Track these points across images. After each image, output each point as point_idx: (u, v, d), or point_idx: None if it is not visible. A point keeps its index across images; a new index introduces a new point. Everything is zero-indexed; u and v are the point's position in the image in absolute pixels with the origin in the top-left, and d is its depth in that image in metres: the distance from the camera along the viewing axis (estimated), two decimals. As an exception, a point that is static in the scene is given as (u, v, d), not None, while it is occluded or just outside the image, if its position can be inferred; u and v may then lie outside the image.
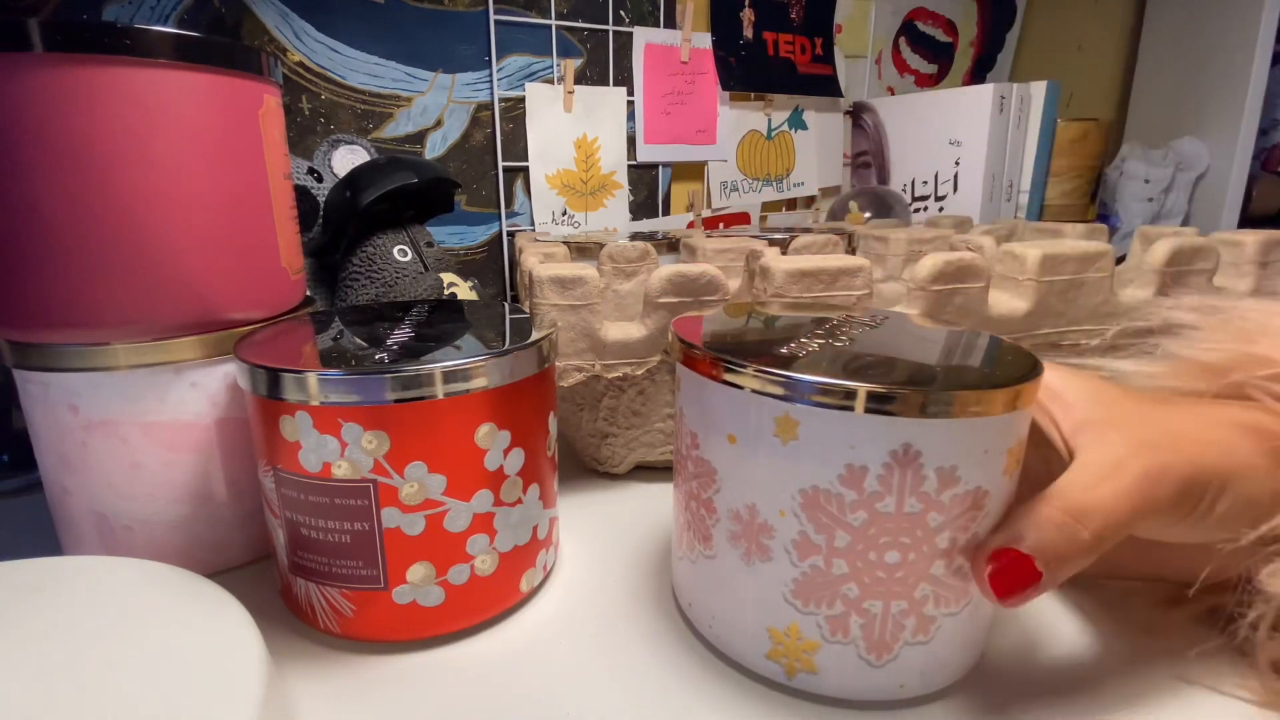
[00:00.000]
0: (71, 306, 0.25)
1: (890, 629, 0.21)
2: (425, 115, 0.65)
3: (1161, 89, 0.92)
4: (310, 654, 0.25)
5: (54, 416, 0.27)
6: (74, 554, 0.29)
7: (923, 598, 0.21)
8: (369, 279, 0.49)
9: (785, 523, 0.21)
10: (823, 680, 0.22)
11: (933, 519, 0.20)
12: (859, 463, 0.19)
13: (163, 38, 0.24)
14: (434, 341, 0.26)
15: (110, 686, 0.18)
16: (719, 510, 0.23)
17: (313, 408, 0.22)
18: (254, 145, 0.28)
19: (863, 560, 0.20)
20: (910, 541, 0.20)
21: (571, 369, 0.34)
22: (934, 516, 0.20)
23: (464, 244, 0.69)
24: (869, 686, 0.22)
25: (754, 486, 0.21)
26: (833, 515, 0.20)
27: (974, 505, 0.20)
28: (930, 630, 0.21)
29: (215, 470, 0.29)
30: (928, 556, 0.20)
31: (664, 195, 0.79)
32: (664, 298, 0.34)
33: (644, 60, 0.74)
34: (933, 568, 0.20)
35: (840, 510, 0.20)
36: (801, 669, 0.22)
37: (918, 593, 0.20)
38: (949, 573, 0.20)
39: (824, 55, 0.84)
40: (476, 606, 0.26)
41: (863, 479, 0.19)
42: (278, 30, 0.58)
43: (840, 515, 0.20)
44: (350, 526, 0.23)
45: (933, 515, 0.20)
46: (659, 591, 0.28)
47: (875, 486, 0.19)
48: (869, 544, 0.20)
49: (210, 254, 0.27)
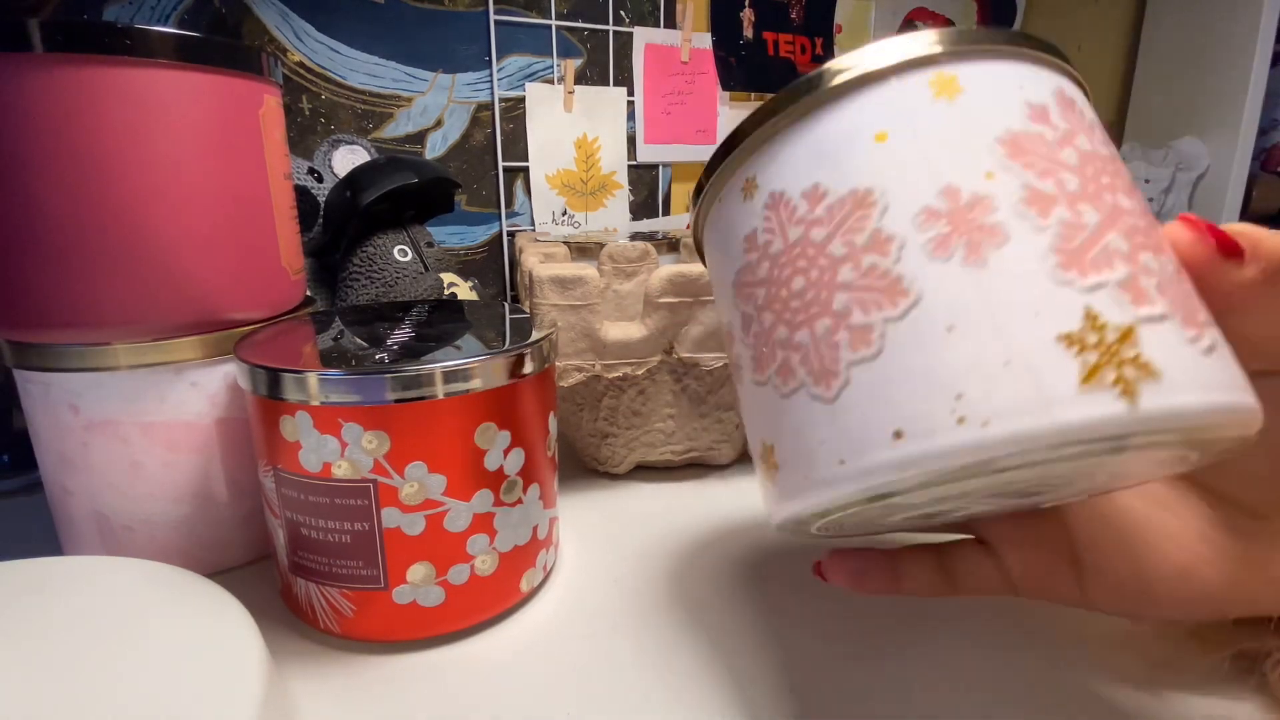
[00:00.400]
0: (72, 307, 0.25)
1: (1187, 289, 0.16)
2: (425, 115, 0.65)
3: (1161, 89, 0.92)
4: (310, 654, 0.25)
5: (54, 416, 0.27)
6: (74, 554, 0.29)
7: None
8: (369, 279, 0.49)
9: (1000, 184, 0.16)
10: (1174, 381, 0.15)
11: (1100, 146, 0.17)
12: (1037, 100, 0.17)
13: (163, 38, 0.24)
14: (434, 341, 0.26)
15: (110, 686, 0.18)
16: (897, 233, 0.16)
17: (313, 408, 0.22)
18: (254, 145, 0.28)
19: (1104, 204, 0.16)
20: (1111, 162, 0.17)
21: (571, 369, 0.34)
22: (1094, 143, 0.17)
23: (464, 244, 0.69)
24: (1219, 383, 0.15)
25: (935, 163, 0.16)
26: (1049, 156, 0.16)
27: None
28: None
29: (215, 470, 0.29)
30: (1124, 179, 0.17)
31: (664, 195, 0.79)
32: (664, 298, 0.34)
33: (644, 60, 0.74)
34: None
35: (1049, 148, 0.16)
36: (1139, 375, 0.14)
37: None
38: None
39: (824, 55, 0.84)
40: (476, 606, 0.26)
41: (1048, 116, 0.17)
42: (278, 30, 0.58)
43: (1053, 153, 0.16)
44: (350, 526, 0.23)
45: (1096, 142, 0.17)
46: (659, 591, 0.28)
47: (1062, 124, 0.17)
48: (1096, 169, 0.16)
49: (210, 254, 0.27)
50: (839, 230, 0.17)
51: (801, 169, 0.18)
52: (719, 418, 0.37)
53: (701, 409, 0.37)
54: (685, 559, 0.31)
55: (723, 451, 0.38)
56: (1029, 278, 0.15)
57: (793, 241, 0.18)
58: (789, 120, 0.18)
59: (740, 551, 0.31)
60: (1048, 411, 0.14)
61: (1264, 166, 0.88)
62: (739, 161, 0.19)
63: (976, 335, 0.15)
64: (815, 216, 0.18)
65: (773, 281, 0.18)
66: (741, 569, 0.30)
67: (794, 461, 0.18)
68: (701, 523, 0.34)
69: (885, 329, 0.16)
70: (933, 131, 0.17)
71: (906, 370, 0.16)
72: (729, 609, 0.27)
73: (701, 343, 0.35)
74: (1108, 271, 0.15)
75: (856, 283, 0.17)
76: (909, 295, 0.16)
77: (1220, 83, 0.83)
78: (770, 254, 0.18)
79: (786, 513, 0.18)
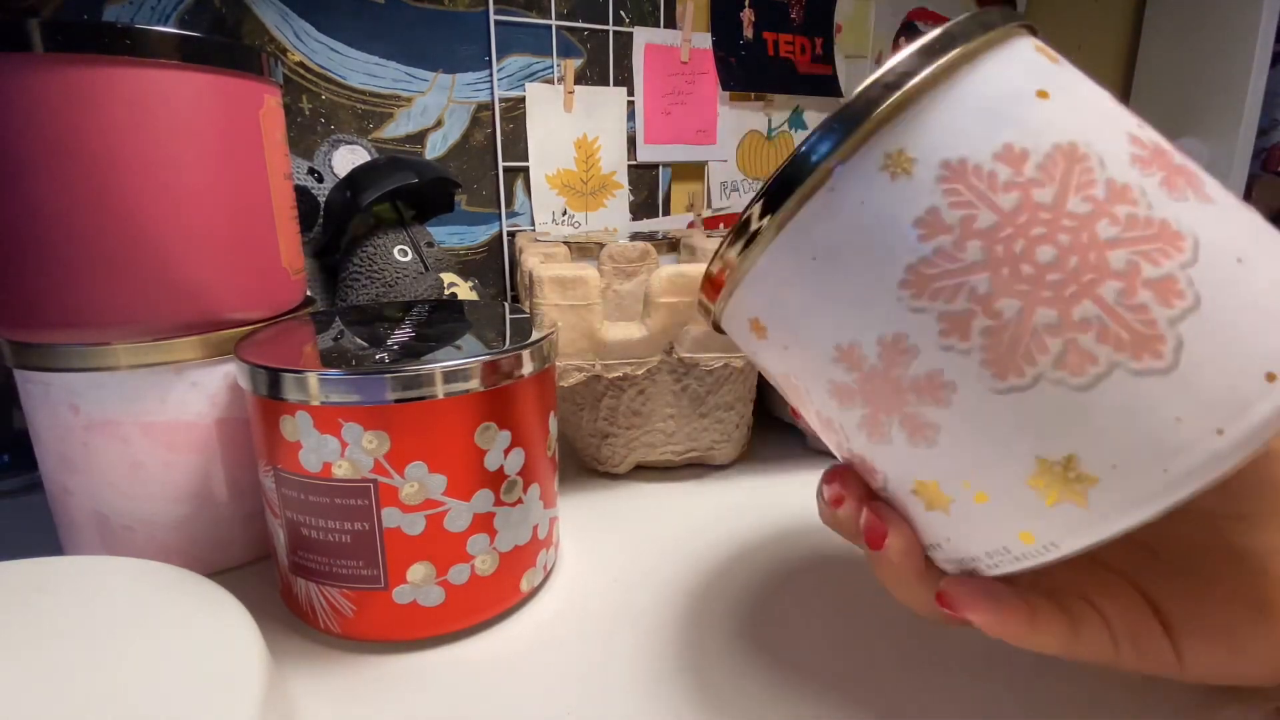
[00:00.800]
0: (72, 307, 0.25)
1: None
2: (425, 115, 0.65)
3: (1161, 89, 0.92)
4: (310, 654, 0.25)
5: (55, 416, 0.27)
6: (75, 554, 0.29)
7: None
8: (369, 279, 0.49)
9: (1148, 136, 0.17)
10: None
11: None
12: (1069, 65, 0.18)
13: (163, 38, 0.24)
14: (434, 341, 0.26)
15: (110, 686, 0.18)
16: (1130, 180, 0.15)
17: (313, 408, 0.22)
18: (254, 145, 0.28)
19: None
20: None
21: (571, 369, 0.34)
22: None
23: (464, 244, 0.69)
24: None
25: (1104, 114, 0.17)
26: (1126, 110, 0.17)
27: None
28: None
29: (216, 470, 0.29)
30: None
31: (664, 195, 0.79)
32: (664, 298, 0.34)
33: (644, 60, 0.74)
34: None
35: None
36: None
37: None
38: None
39: (824, 55, 0.84)
40: (477, 606, 0.26)
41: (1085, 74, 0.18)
42: (278, 30, 0.58)
43: None
44: (350, 526, 0.23)
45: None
46: (659, 591, 0.28)
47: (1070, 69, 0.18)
48: None
49: (211, 254, 0.27)
50: (1070, 185, 0.15)
51: (977, 132, 0.16)
52: (719, 418, 0.37)
53: (701, 409, 0.37)
54: (685, 559, 0.31)
55: (723, 451, 0.38)
56: (1241, 204, 0.16)
57: (1011, 209, 0.15)
58: (933, 81, 0.16)
59: (740, 551, 0.31)
60: None
61: (1264, 166, 0.88)
62: (864, 137, 0.16)
63: (1269, 258, 0.15)
64: (1030, 178, 0.15)
65: (1002, 261, 0.15)
66: (741, 568, 0.30)
67: (1133, 459, 0.15)
68: (701, 523, 0.34)
69: (1189, 275, 0.15)
70: (1076, 88, 0.17)
71: (1235, 310, 0.14)
72: (729, 608, 0.27)
73: (701, 343, 0.35)
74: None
75: (1125, 236, 0.15)
76: (1186, 237, 0.15)
77: (1220, 83, 0.83)
78: (978, 231, 0.16)
79: (1131, 521, 0.15)
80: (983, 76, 0.16)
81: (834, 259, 0.17)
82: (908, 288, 0.16)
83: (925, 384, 0.16)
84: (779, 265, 0.18)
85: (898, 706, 0.22)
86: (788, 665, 0.24)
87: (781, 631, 0.26)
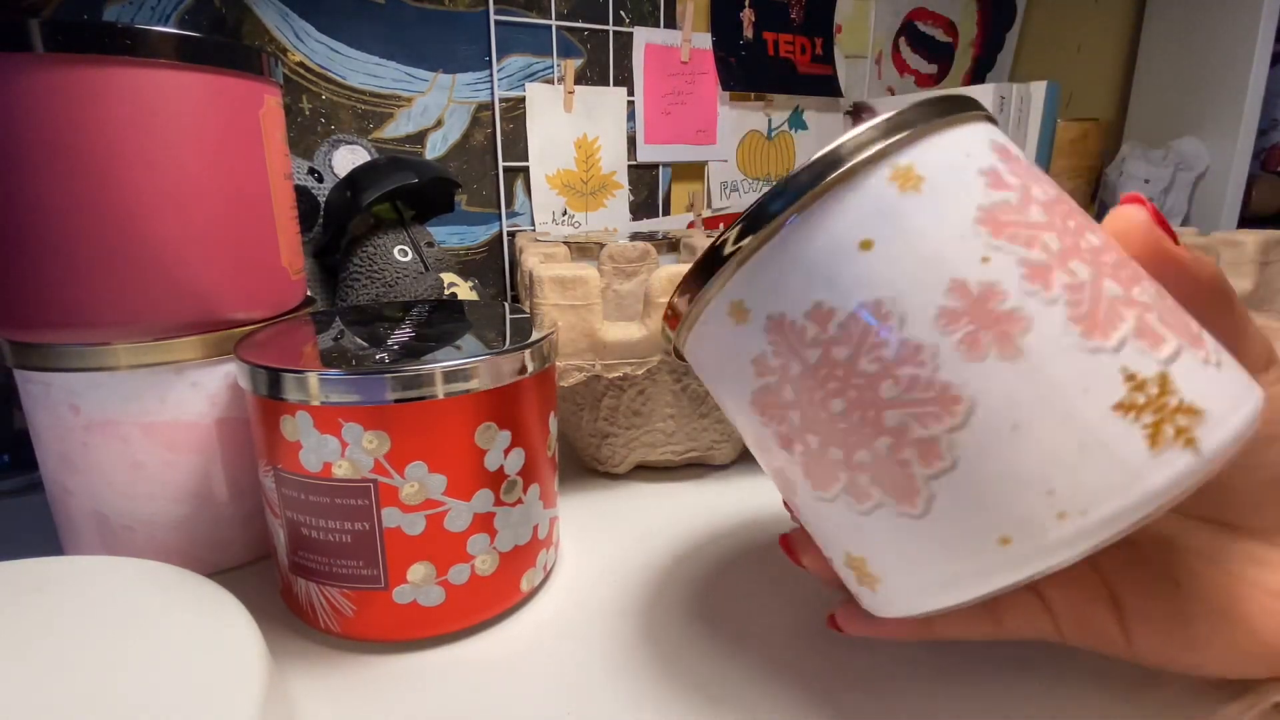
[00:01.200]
0: (72, 306, 0.25)
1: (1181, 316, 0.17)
2: (426, 115, 0.65)
3: (1161, 89, 0.92)
4: (310, 654, 0.25)
5: (55, 416, 0.27)
6: (75, 554, 0.29)
7: None
8: (369, 279, 0.49)
9: (998, 266, 0.16)
10: (1212, 413, 0.15)
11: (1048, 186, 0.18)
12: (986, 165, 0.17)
13: (163, 38, 0.24)
14: (434, 341, 0.26)
15: (110, 686, 0.18)
16: (924, 340, 0.16)
17: (313, 408, 0.22)
18: (254, 145, 0.28)
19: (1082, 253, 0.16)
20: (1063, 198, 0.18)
21: (572, 369, 0.34)
22: None
23: (464, 244, 0.69)
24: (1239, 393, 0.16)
25: (931, 260, 0.16)
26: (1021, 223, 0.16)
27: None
28: None
29: (216, 470, 0.29)
30: None
31: (664, 195, 0.79)
32: (664, 298, 0.34)
33: (644, 60, 0.74)
34: None
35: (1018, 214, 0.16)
36: (1190, 421, 0.15)
37: None
38: None
39: (824, 55, 0.84)
40: (477, 606, 0.26)
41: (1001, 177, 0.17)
42: (278, 30, 0.58)
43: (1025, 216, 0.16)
44: (351, 526, 0.23)
45: None
46: (659, 590, 0.28)
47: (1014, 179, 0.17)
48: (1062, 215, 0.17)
49: (211, 254, 0.27)
50: (863, 348, 0.17)
51: (795, 289, 0.17)
52: (719, 418, 0.37)
53: (701, 409, 0.37)
54: (685, 558, 0.31)
55: (723, 451, 0.38)
56: (1065, 356, 0.15)
57: (814, 364, 0.17)
58: (763, 239, 0.17)
59: (740, 551, 0.31)
60: (1137, 483, 0.15)
61: (1264, 166, 0.88)
62: (719, 286, 0.19)
63: (1043, 427, 0.15)
64: (831, 336, 0.17)
65: (806, 404, 0.18)
66: (741, 568, 0.30)
67: (897, 572, 0.18)
68: (701, 522, 0.34)
69: (952, 439, 0.16)
70: (914, 229, 0.16)
71: (988, 476, 0.16)
72: (729, 608, 0.27)
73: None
74: (1122, 324, 0.15)
75: (903, 397, 0.16)
76: (963, 401, 0.16)
77: (1220, 83, 0.83)
78: (791, 377, 0.18)
79: (901, 613, 0.18)
80: (809, 231, 0.17)
81: (712, 376, 0.21)
82: (754, 409, 0.19)
83: (775, 474, 0.20)
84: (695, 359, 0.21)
85: (899, 707, 0.22)
86: (789, 665, 0.24)
87: (783, 631, 0.26)
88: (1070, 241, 0.16)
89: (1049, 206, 0.17)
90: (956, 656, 0.24)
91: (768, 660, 0.24)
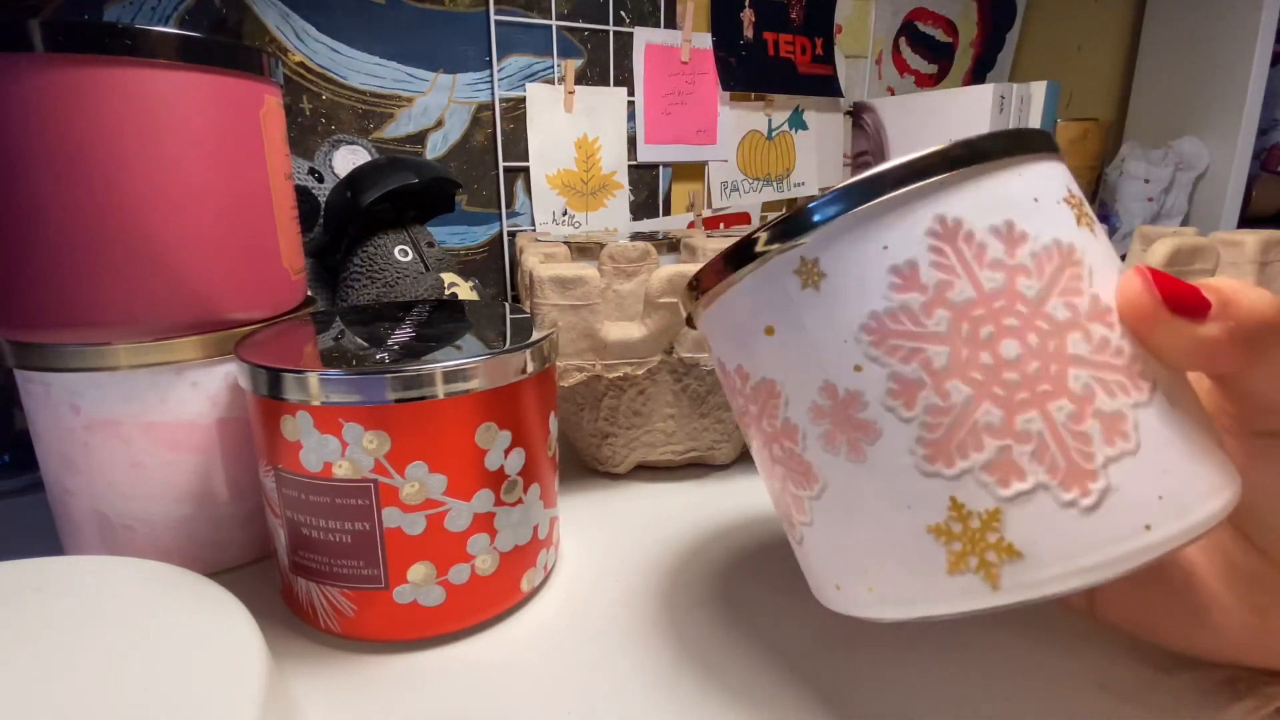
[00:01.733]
0: (73, 307, 0.25)
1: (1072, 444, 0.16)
2: (426, 115, 0.65)
3: (1161, 89, 0.92)
4: (311, 654, 0.25)
5: (55, 416, 0.27)
6: (75, 554, 0.29)
7: (1085, 388, 0.16)
8: (370, 279, 0.49)
9: (867, 376, 0.17)
10: (1036, 557, 0.16)
11: (1025, 286, 0.16)
12: (903, 259, 0.16)
13: (164, 38, 0.24)
14: (435, 341, 0.26)
15: (111, 686, 0.18)
16: (799, 424, 0.18)
17: (314, 407, 0.22)
18: (255, 145, 0.28)
19: (978, 369, 0.16)
20: (1017, 323, 0.16)
21: (572, 369, 0.34)
22: (1025, 283, 0.16)
23: (465, 244, 0.69)
24: (1097, 540, 0.16)
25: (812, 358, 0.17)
26: (910, 334, 0.16)
27: (1066, 261, 0.16)
28: (1127, 429, 0.16)
29: (216, 470, 0.29)
30: (1051, 334, 0.16)
31: (664, 195, 0.79)
32: (664, 298, 0.34)
33: (644, 60, 0.74)
34: (1069, 345, 0.16)
35: (914, 323, 0.16)
36: (1000, 559, 0.16)
37: (1073, 383, 0.16)
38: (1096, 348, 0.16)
39: (824, 55, 0.84)
40: (477, 606, 0.26)
41: (918, 275, 0.16)
42: (279, 30, 0.58)
43: (919, 328, 0.16)
44: (351, 526, 0.23)
45: (1022, 281, 0.16)
46: (660, 591, 0.28)
47: (934, 276, 0.16)
48: (972, 347, 0.16)
49: (211, 254, 0.27)
50: (764, 412, 0.19)
51: (731, 346, 0.20)
52: (719, 418, 0.37)
53: (702, 409, 0.37)
54: (686, 558, 0.31)
55: (723, 451, 0.38)
56: (900, 473, 0.17)
57: (738, 410, 0.21)
58: (711, 299, 0.20)
59: (740, 550, 0.31)
60: (924, 595, 0.17)
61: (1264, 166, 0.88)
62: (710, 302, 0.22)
63: (866, 523, 0.18)
64: (747, 393, 0.20)
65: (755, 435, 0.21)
66: (742, 568, 0.30)
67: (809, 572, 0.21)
68: (702, 522, 0.34)
69: (810, 504, 0.19)
70: (806, 326, 0.18)
71: (831, 541, 0.19)
72: (730, 608, 0.27)
73: (702, 343, 0.35)
74: (975, 455, 0.16)
75: (782, 460, 0.19)
76: (818, 481, 0.18)
77: (1220, 83, 0.83)
78: (736, 408, 0.21)
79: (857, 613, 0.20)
80: (733, 305, 0.19)
81: None
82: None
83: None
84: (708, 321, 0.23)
85: (900, 708, 0.22)
86: (791, 665, 0.24)
87: (784, 631, 0.26)
88: (967, 355, 0.16)
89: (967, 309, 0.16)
90: (966, 655, 0.24)
91: (769, 660, 0.24)
